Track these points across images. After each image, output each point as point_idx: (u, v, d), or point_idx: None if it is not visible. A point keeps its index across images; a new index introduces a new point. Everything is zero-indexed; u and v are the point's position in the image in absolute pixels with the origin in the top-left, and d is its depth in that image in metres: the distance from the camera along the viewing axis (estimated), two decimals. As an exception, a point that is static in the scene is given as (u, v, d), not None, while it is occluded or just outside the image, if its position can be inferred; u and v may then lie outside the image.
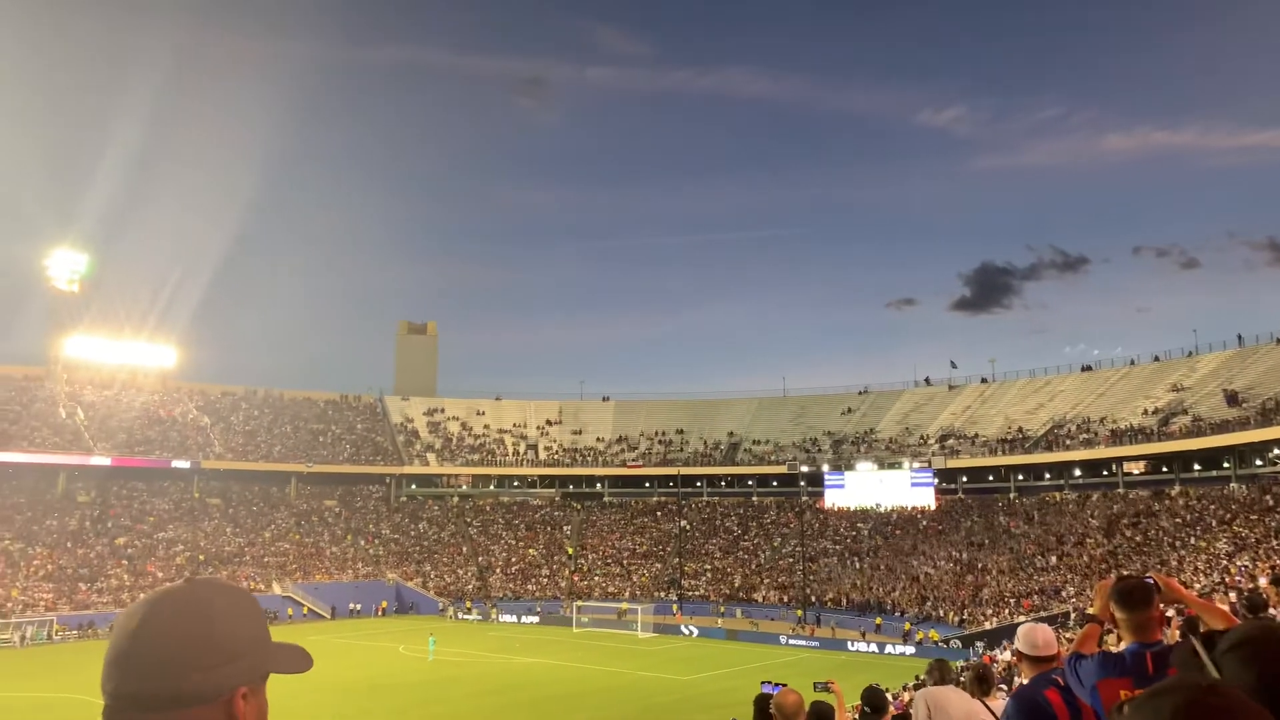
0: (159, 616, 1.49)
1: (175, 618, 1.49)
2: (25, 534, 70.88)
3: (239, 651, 1.50)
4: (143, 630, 1.48)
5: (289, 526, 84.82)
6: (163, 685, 1.44)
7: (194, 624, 1.49)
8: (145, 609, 1.51)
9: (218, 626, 1.49)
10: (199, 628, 1.48)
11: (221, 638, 1.49)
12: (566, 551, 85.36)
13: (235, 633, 1.51)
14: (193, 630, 1.48)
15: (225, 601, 1.53)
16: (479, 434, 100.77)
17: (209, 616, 1.51)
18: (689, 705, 38.75)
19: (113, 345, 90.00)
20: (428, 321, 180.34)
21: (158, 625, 1.48)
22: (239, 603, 1.55)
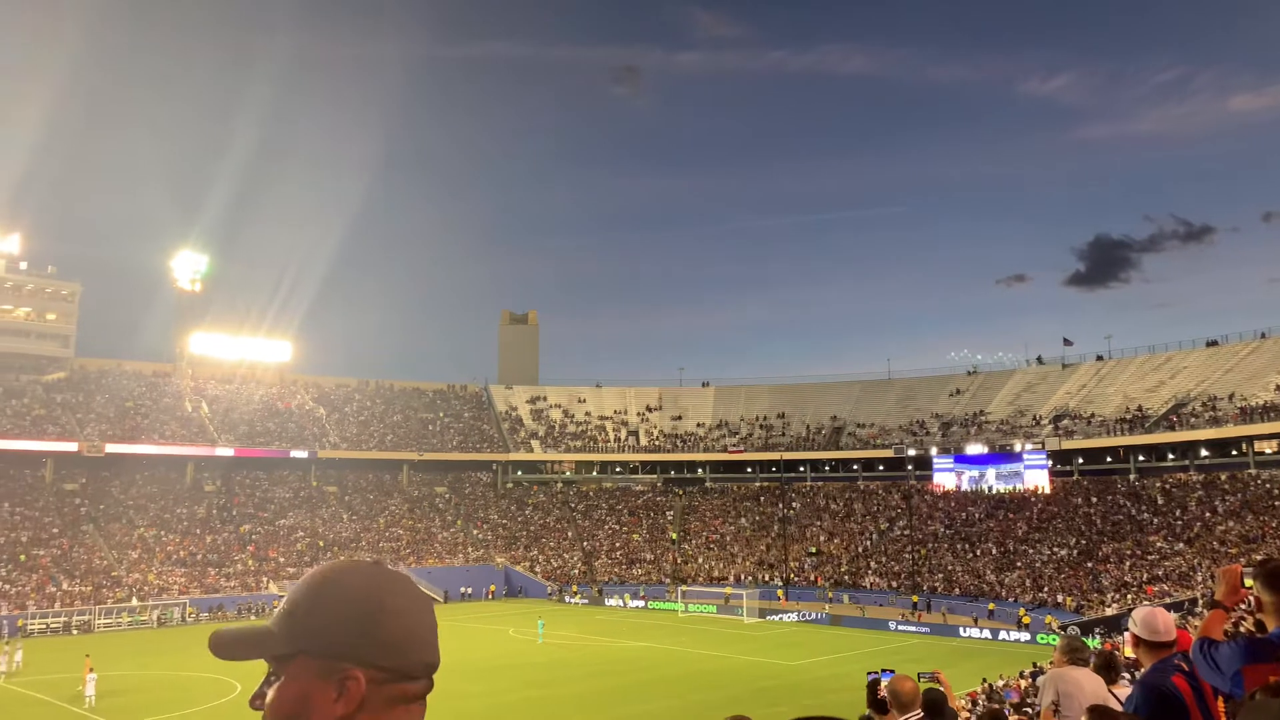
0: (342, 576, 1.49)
1: (353, 582, 1.48)
2: (159, 521, 75.01)
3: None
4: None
5: (402, 513, 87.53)
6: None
7: (365, 594, 1.46)
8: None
9: (386, 603, 1.46)
10: (368, 599, 1.46)
11: (380, 619, 1.45)
12: (670, 536, 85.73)
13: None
14: (361, 600, 1.45)
15: (403, 591, 1.51)
16: (581, 421, 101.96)
17: (384, 594, 1.48)
18: (795, 690, 38.50)
19: (232, 341, 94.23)
20: (529, 311, 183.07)
21: (337, 581, 1.47)
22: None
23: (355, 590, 1.46)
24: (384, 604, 1.46)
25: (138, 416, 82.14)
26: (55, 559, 66.02)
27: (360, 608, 1.45)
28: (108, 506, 74.50)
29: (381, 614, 1.45)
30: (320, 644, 1.43)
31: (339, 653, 1.42)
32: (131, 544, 70.96)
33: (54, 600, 61.31)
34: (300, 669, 1.43)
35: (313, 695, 1.41)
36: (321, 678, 1.42)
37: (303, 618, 1.45)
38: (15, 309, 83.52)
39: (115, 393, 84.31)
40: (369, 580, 1.48)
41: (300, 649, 1.43)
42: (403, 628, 1.46)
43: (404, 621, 1.47)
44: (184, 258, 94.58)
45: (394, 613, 1.46)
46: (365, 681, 1.41)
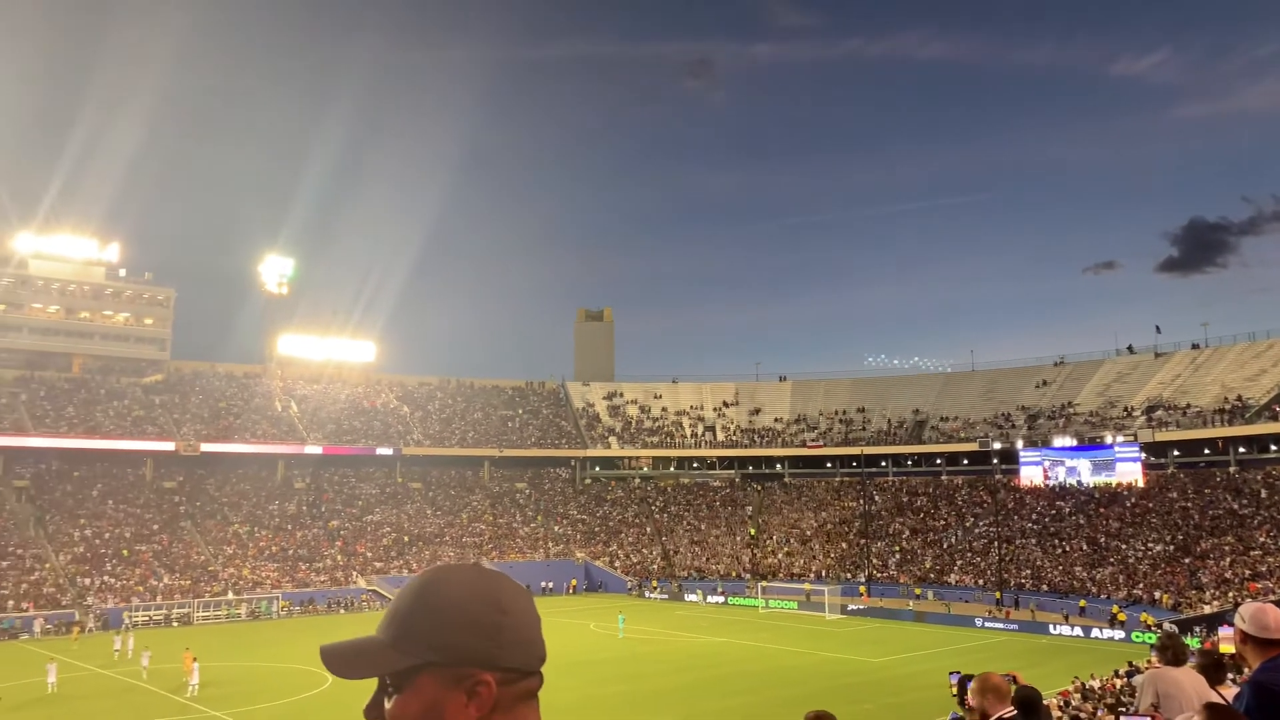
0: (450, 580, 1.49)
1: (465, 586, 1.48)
2: (252, 517, 77.63)
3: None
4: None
5: (484, 508, 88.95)
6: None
7: (480, 596, 1.47)
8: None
9: (505, 604, 1.48)
10: (484, 599, 1.47)
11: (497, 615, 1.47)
12: (749, 532, 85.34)
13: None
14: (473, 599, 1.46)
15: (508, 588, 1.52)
16: (657, 416, 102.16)
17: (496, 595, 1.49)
18: (877, 688, 38.00)
19: (319, 342, 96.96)
20: (604, 308, 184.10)
21: (448, 585, 1.48)
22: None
23: (473, 595, 1.45)
24: (503, 605, 1.46)
25: (230, 416, 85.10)
26: (156, 554, 68.85)
27: (483, 612, 1.44)
28: (204, 504, 77.40)
29: (503, 616, 1.45)
30: (447, 653, 1.41)
31: (467, 659, 1.41)
32: (226, 540, 73.59)
33: (155, 594, 63.96)
34: (427, 680, 1.41)
35: (444, 705, 1.40)
36: (451, 686, 1.41)
37: (424, 628, 1.43)
38: (115, 314, 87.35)
39: (209, 394, 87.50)
40: (482, 584, 1.48)
41: (426, 660, 1.41)
42: (522, 626, 1.47)
43: (522, 620, 1.48)
44: (271, 262, 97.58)
45: (512, 613, 1.47)
46: (495, 684, 1.42)
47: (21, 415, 75.08)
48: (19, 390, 77.54)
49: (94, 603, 60.93)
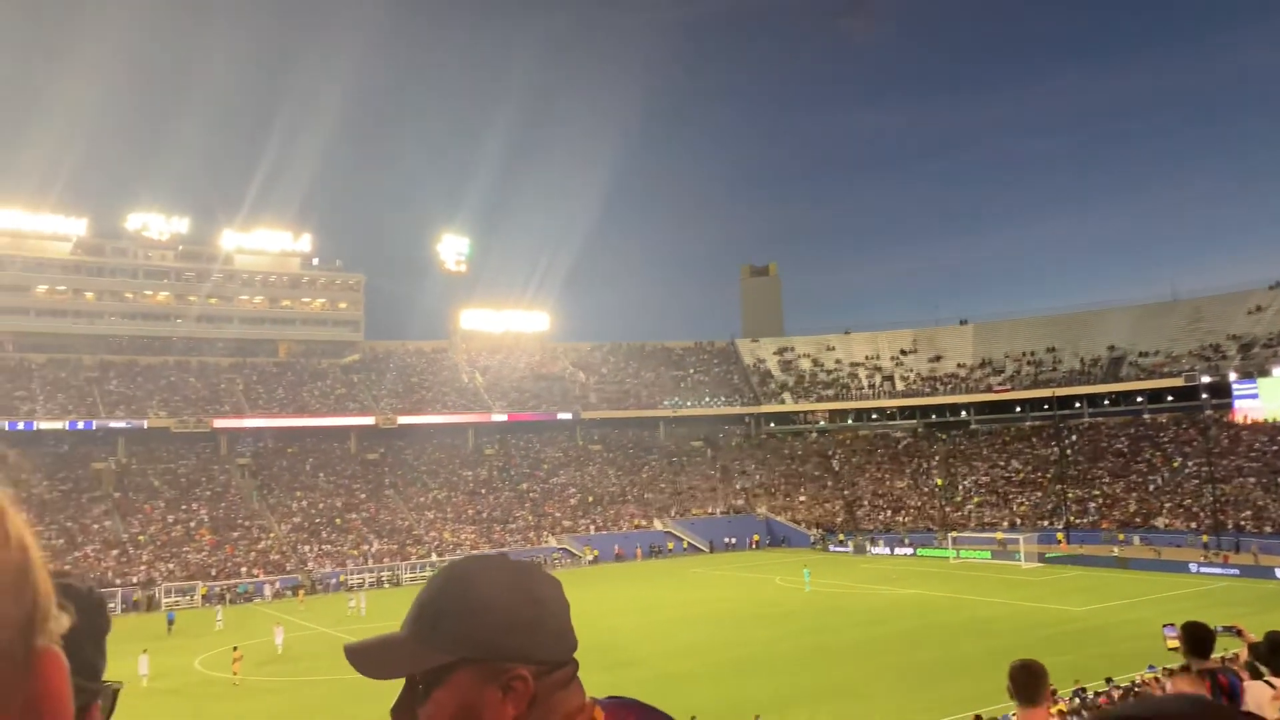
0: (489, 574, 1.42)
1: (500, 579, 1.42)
2: (448, 483, 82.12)
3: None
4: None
5: (662, 467, 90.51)
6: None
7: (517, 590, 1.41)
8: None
9: (539, 597, 1.42)
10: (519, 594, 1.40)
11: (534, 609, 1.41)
12: (936, 482, 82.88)
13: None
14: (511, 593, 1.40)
15: (546, 583, 1.47)
16: (831, 369, 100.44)
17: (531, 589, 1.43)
18: (1082, 638, 36.23)
19: (497, 315, 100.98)
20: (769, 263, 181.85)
21: (487, 580, 1.41)
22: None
23: (505, 589, 1.39)
24: (536, 598, 1.40)
25: (422, 390, 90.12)
26: (365, 521, 74.03)
27: (517, 606, 1.38)
28: (404, 472, 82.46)
29: (536, 608, 1.39)
30: (482, 649, 1.35)
31: (503, 654, 1.35)
32: (427, 505, 78.20)
33: (367, 558, 68.86)
34: (462, 678, 1.35)
35: (481, 701, 1.34)
36: (487, 683, 1.34)
37: (457, 624, 1.36)
38: (312, 301, 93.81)
39: (401, 370, 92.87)
40: (515, 576, 1.42)
41: (461, 657, 1.34)
42: (555, 618, 1.41)
43: (556, 611, 1.42)
44: (448, 241, 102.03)
45: (547, 605, 1.41)
46: (531, 679, 1.35)
47: (239, 399, 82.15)
48: (235, 376, 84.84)
49: (314, 568, 66.26)
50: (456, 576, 1.42)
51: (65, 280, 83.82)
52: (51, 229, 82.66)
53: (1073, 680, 24.71)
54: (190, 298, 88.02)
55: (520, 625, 1.37)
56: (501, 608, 1.37)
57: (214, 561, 64.85)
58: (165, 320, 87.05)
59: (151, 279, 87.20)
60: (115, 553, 63.92)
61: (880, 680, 31.00)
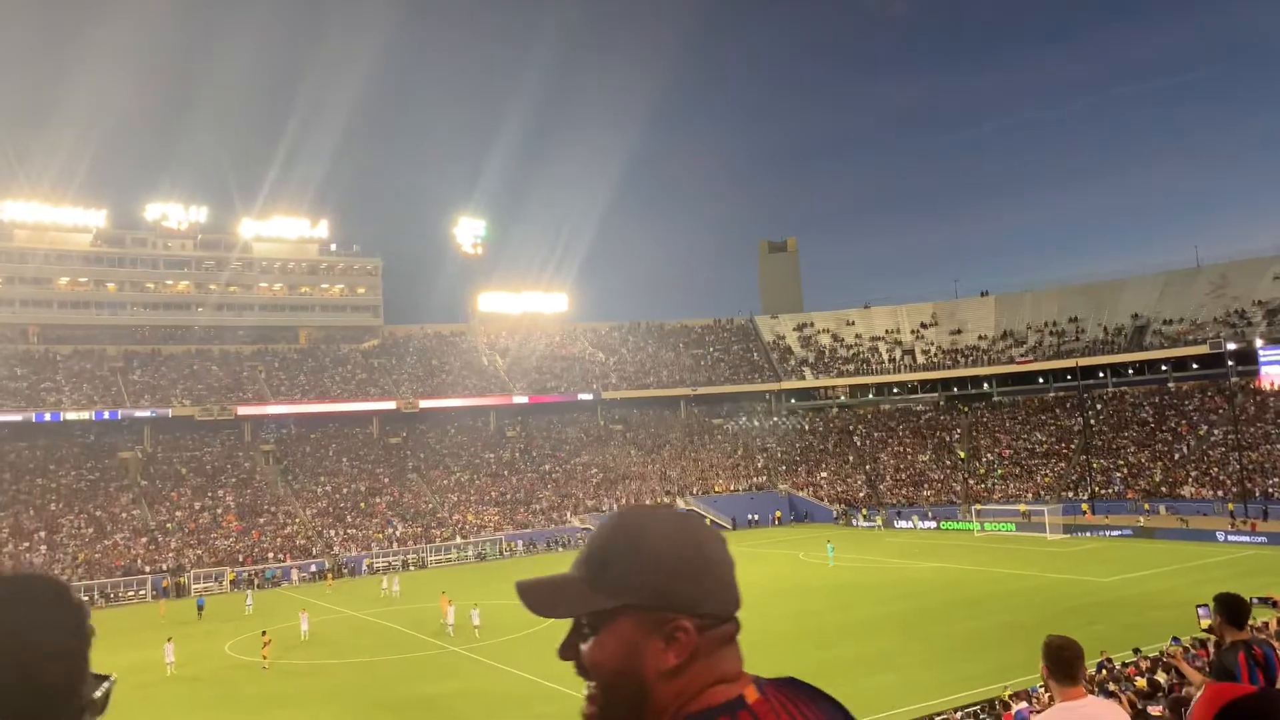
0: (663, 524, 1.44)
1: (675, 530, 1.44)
2: (471, 466, 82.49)
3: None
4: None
5: (683, 445, 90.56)
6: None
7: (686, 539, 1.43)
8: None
9: (705, 550, 1.43)
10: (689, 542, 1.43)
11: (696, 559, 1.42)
12: (958, 455, 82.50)
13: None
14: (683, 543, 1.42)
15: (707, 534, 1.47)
16: (851, 344, 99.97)
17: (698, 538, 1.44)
18: (1111, 608, 36.00)
19: (515, 298, 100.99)
20: (787, 238, 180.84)
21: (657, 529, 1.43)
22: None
23: (674, 539, 1.41)
24: (703, 551, 1.41)
25: (442, 374, 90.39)
26: (389, 504, 74.51)
27: (685, 556, 1.40)
28: (427, 456, 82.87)
29: (703, 561, 1.40)
30: (647, 597, 1.37)
31: (668, 604, 1.37)
32: (450, 488, 78.59)
33: (392, 541, 69.35)
34: (626, 623, 1.38)
35: (643, 648, 1.37)
36: (651, 630, 1.37)
37: (624, 571, 1.39)
38: (331, 287, 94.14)
39: (421, 354, 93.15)
40: (682, 527, 1.44)
41: (625, 603, 1.38)
42: (721, 572, 1.42)
43: (721, 565, 1.43)
44: (464, 224, 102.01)
45: (713, 559, 1.42)
46: (694, 630, 1.37)
47: (262, 386, 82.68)
48: (256, 363, 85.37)
49: (340, 552, 66.81)
50: (626, 524, 1.44)
51: (87, 271, 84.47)
52: (72, 221, 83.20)
53: (1099, 651, 24.57)
54: (210, 286, 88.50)
55: (686, 576, 1.38)
56: (668, 557, 1.38)
57: (241, 547, 65.52)
58: (186, 309, 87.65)
59: (172, 268, 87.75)
60: (144, 540, 64.68)
61: (908, 654, 30.96)
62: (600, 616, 1.39)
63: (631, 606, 1.38)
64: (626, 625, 1.38)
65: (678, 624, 1.37)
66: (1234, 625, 5.64)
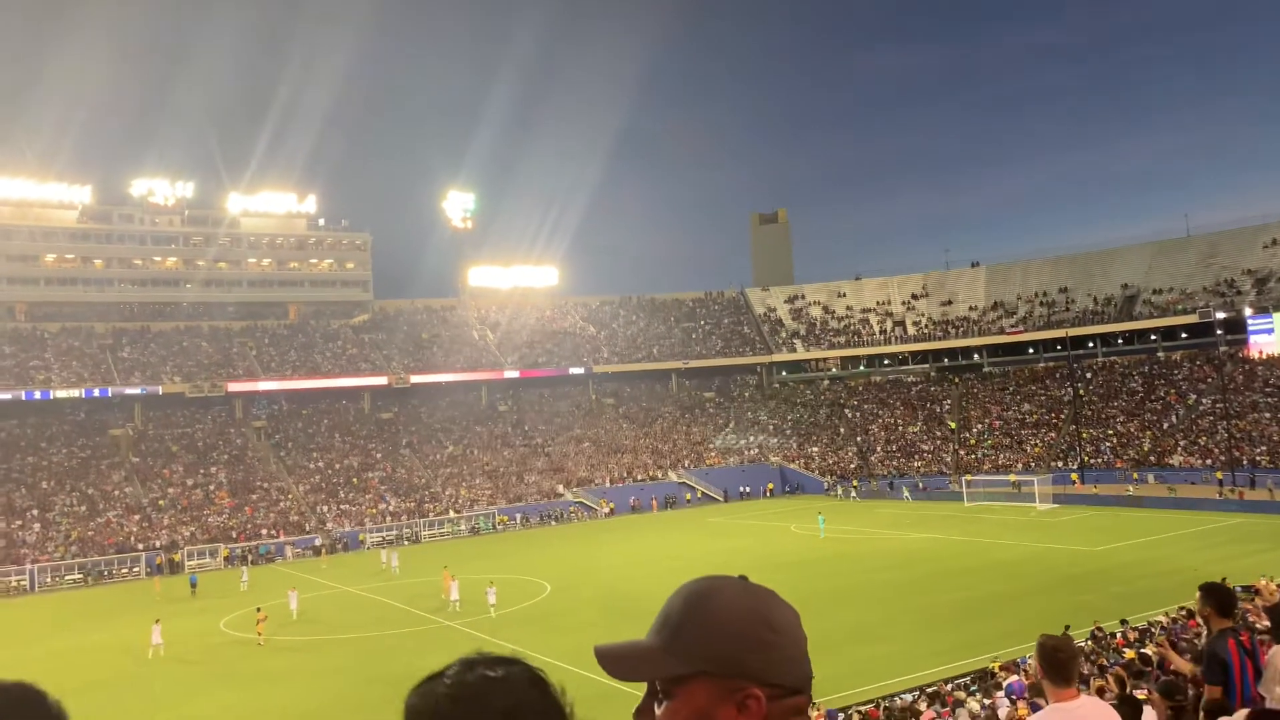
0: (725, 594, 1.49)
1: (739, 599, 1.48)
2: (463, 440, 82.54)
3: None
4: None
5: (675, 418, 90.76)
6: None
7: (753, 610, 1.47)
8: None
9: (774, 620, 1.47)
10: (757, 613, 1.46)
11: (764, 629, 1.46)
12: (949, 426, 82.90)
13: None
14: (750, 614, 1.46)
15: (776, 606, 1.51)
16: (842, 316, 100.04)
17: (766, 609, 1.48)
18: (1102, 577, 36.35)
19: (505, 272, 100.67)
20: (778, 209, 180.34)
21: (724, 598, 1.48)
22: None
23: (744, 609, 1.46)
24: (773, 621, 1.46)
25: (434, 348, 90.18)
26: (382, 479, 74.58)
27: (754, 628, 1.44)
28: (419, 431, 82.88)
29: (773, 632, 1.44)
30: (720, 664, 1.41)
31: (739, 672, 1.41)
32: (442, 462, 78.68)
33: (385, 516, 69.46)
34: (699, 689, 1.41)
35: (714, 714, 1.41)
36: (722, 697, 1.41)
37: (696, 638, 1.43)
38: (320, 262, 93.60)
39: (412, 328, 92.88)
40: (753, 598, 1.48)
41: (699, 670, 1.42)
42: (791, 643, 1.46)
43: (791, 637, 1.46)
44: (453, 198, 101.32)
45: (782, 630, 1.46)
46: (765, 699, 1.40)
47: (252, 362, 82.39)
48: (246, 339, 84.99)
49: (333, 527, 66.92)
50: (699, 593, 1.48)
51: (73, 248, 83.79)
52: (57, 197, 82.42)
53: (1090, 620, 24.83)
54: (198, 262, 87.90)
55: (755, 646, 1.42)
56: (738, 628, 1.43)
57: (234, 524, 65.56)
58: (174, 286, 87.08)
59: (159, 244, 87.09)
60: (137, 518, 64.65)
61: (899, 624, 31.25)
62: (675, 682, 1.43)
63: (704, 673, 1.41)
64: (700, 691, 1.41)
65: (749, 692, 1.40)
66: (1222, 614, 5.73)
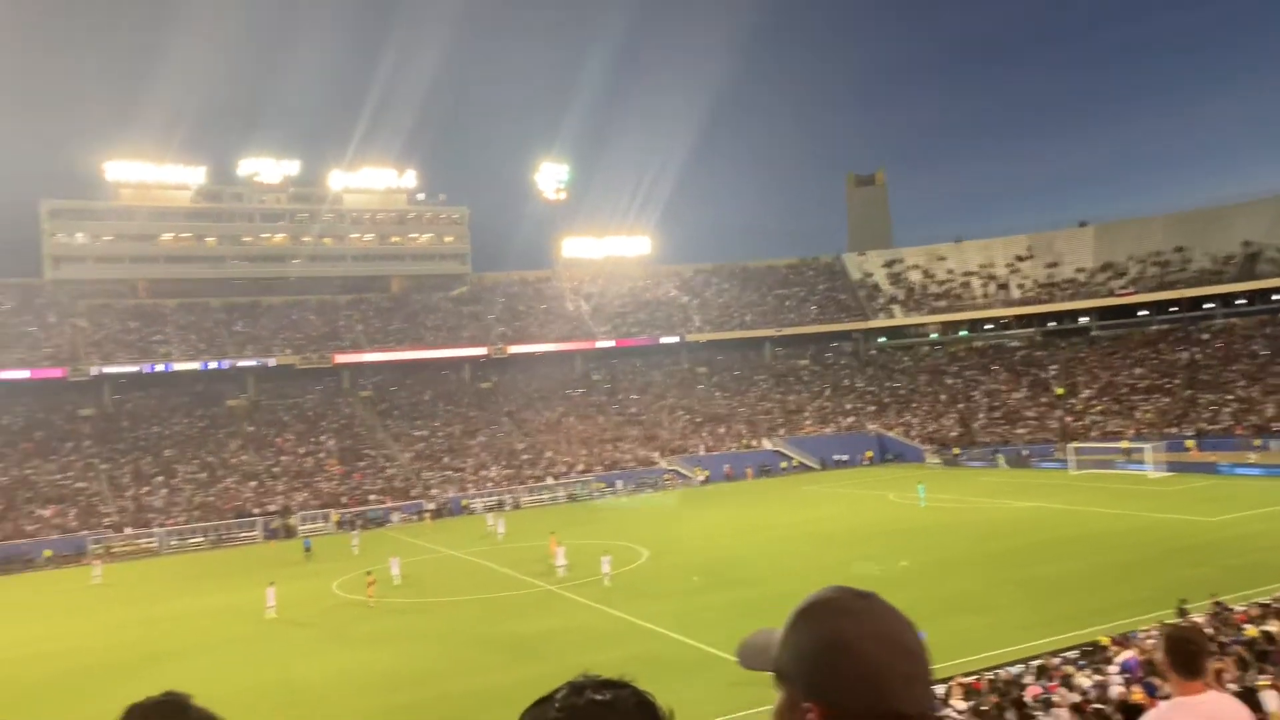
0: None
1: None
2: (559, 409, 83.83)
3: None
4: None
5: (769, 387, 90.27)
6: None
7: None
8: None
9: (850, 641, 1.44)
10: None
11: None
12: (1055, 392, 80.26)
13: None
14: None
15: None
16: (942, 280, 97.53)
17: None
18: (1217, 549, 34.82)
19: (597, 242, 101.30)
20: (875, 171, 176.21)
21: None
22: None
23: (821, 625, 1.45)
24: (847, 642, 1.41)
25: (529, 319, 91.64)
26: (483, 446, 76.42)
27: (821, 643, 1.42)
28: (516, 399, 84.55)
29: (840, 652, 1.40)
30: (790, 674, 1.46)
31: (801, 684, 1.43)
32: (539, 429, 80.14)
33: (486, 482, 71.22)
34: (784, 692, 1.47)
35: (788, 718, 1.46)
36: (792, 706, 1.45)
37: (782, 644, 1.48)
38: (420, 236, 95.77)
39: (509, 300, 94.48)
40: (839, 615, 1.45)
41: (780, 673, 1.48)
42: (865, 669, 1.39)
43: (867, 662, 1.40)
44: (546, 170, 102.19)
45: (855, 652, 1.40)
46: (819, 716, 1.40)
47: (357, 335, 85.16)
48: (352, 312, 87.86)
49: (437, 493, 68.96)
50: (803, 603, 1.50)
51: (189, 227, 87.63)
52: (173, 179, 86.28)
53: (1208, 594, 23.87)
54: (304, 238, 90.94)
55: (811, 662, 1.43)
56: (806, 641, 1.45)
57: (344, 490, 68.20)
58: (282, 261, 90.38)
59: (267, 222, 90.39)
60: (253, 484, 67.82)
61: (1001, 594, 30.60)
62: (776, 678, 1.49)
63: (785, 679, 1.46)
64: (784, 694, 1.47)
65: (808, 708, 1.41)
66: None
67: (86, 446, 69.69)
